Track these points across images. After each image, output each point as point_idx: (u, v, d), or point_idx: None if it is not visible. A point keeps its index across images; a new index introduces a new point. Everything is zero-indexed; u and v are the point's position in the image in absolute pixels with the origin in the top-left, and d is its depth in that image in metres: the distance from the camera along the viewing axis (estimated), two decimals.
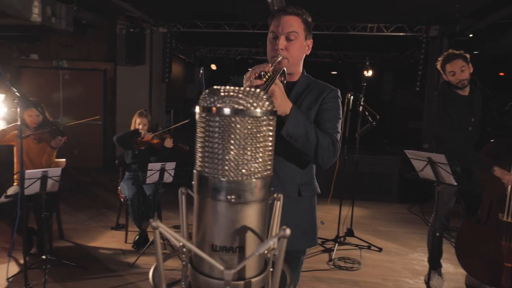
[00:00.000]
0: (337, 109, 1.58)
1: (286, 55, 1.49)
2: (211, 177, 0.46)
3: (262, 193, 0.49)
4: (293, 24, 1.49)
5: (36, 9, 5.49)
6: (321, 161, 1.45)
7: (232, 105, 0.43)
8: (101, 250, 3.64)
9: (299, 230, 1.55)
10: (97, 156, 7.62)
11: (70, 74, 7.65)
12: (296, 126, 1.36)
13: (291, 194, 1.53)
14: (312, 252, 3.79)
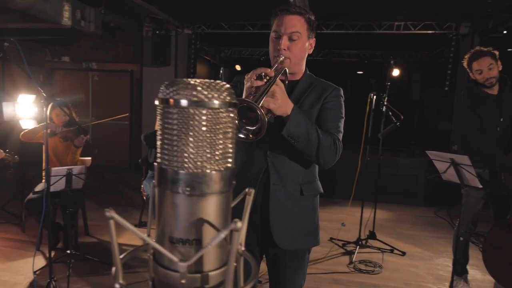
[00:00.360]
0: (339, 108, 1.57)
1: (289, 55, 1.49)
2: (169, 169, 0.46)
3: (221, 186, 0.48)
4: (295, 24, 1.49)
5: (67, 13, 5.70)
6: (323, 161, 1.45)
7: (190, 96, 0.43)
8: (124, 247, 3.73)
9: (300, 229, 1.56)
10: (124, 155, 7.83)
11: (99, 75, 7.91)
12: (297, 126, 1.37)
13: (293, 193, 1.53)
14: (332, 254, 3.74)
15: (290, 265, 1.60)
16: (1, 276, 3.00)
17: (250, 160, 1.56)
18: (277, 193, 1.51)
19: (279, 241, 1.52)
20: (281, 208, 1.51)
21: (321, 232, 4.48)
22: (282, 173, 1.51)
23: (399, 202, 5.70)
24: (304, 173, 1.55)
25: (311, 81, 1.61)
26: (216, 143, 0.45)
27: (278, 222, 1.51)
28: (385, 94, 4.01)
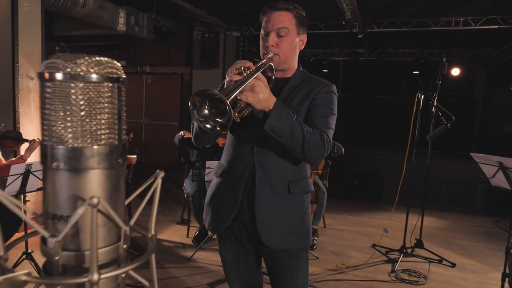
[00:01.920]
0: (329, 104, 1.51)
1: (277, 52, 1.48)
2: (49, 145, 0.45)
3: (99, 162, 0.46)
4: (283, 20, 1.47)
5: (122, 19, 6.05)
6: (309, 157, 1.40)
7: (65, 70, 0.41)
8: (164, 243, 3.86)
9: (289, 228, 1.51)
10: (173, 154, 8.12)
11: (152, 78, 8.29)
12: (280, 121, 1.33)
13: (280, 190, 1.49)
14: (374, 261, 3.56)
15: (287, 265, 1.55)
16: None
17: (237, 156, 1.54)
18: (263, 191, 1.47)
19: (266, 239, 1.48)
20: (267, 206, 1.48)
21: (363, 237, 4.33)
22: (268, 170, 1.48)
23: (453, 210, 5.30)
24: (292, 171, 1.51)
25: (303, 77, 1.57)
26: (94, 118, 0.43)
27: (264, 220, 1.48)
28: (435, 93, 3.74)
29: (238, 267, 1.63)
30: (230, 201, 1.51)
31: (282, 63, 1.51)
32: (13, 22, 3.75)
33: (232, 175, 1.53)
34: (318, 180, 4.04)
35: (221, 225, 1.54)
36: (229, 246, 1.61)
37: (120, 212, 0.56)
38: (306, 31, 1.56)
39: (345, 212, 5.31)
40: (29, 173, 2.78)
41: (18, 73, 3.84)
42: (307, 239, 1.55)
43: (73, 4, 4.97)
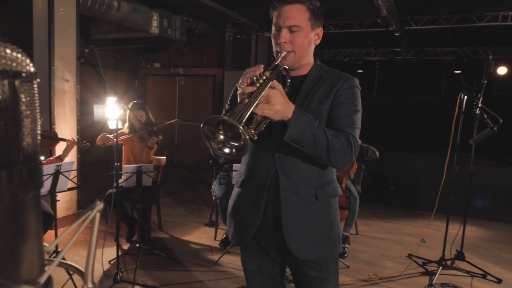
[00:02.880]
0: (353, 101, 1.38)
1: (291, 48, 1.36)
2: None
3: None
4: (295, 14, 1.35)
5: (155, 22, 6.15)
6: (336, 163, 1.31)
7: None
8: (191, 245, 3.83)
9: (319, 237, 1.40)
10: (205, 154, 8.16)
11: (185, 80, 8.39)
12: (301, 130, 1.22)
13: (307, 198, 1.38)
14: (410, 273, 3.34)
15: (315, 277, 1.44)
16: (83, 263, 3.28)
17: (257, 163, 1.43)
18: (288, 199, 1.37)
19: (295, 251, 1.38)
20: (294, 215, 1.37)
21: (398, 246, 4.09)
22: (293, 177, 1.37)
23: (498, 219, 4.93)
24: (318, 176, 1.40)
25: (321, 73, 1.44)
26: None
27: (292, 231, 1.37)
28: (480, 94, 3.47)
29: (261, 277, 1.55)
30: (252, 211, 1.42)
31: (298, 60, 1.40)
32: (49, 26, 3.87)
33: (252, 184, 1.43)
34: (350, 185, 3.86)
35: (244, 237, 1.46)
36: (253, 256, 1.53)
37: (30, 260, 0.43)
38: (322, 24, 1.43)
39: (379, 218, 5.07)
40: (59, 173, 2.82)
41: (54, 76, 3.96)
42: (338, 247, 1.46)
43: (107, 8, 5.08)
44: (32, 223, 0.44)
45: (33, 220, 0.44)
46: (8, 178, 0.39)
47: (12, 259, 0.41)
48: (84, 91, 4.52)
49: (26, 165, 0.41)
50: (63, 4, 3.96)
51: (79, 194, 4.37)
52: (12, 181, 0.39)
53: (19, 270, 0.42)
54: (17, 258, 0.42)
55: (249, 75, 1.22)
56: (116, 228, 2.95)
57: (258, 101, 1.16)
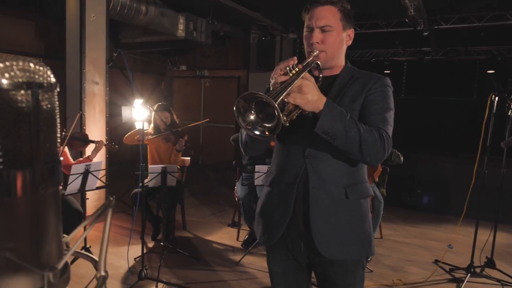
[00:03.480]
0: (385, 98, 1.38)
1: (323, 48, 1.38)
2: None
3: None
4: (327, 15, 1.37)
5: (181, 25, 6.27)
6: (369, 158, 1.28)
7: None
8: (214, 244, 3.88)
9: (348, 237, 1.38)
10: (230, 155, 8.24)
11: (210, 81, 8.50)
12: (332, 122, 1.22)
13: (337, 196, 1.37)
14: (435, 280, 3.25)
15: (340, 282, 1.42)
16: (110, 259, 3.40)
17: (287, 161, 1.44)
18: (317, 197, 1.36)
19: (324, 250, 1.36)
20: (323, 214, 1.36)
21: (424, 252, 3.99)
22: (323, 175, 1.36)
23: None
24: (349, 174, 1.38)
25: (353, 73, 1.45)
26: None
27: (320, 229, 1.36)
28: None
29: (286, 280, 1.54)
30: (281, 210, 1.42)
31: (329, 60, 1.41)
32: (81, 31, 4.03)
33: (282, 182, 1.44)
34: (375, 188, 3.80)
35: (272, 237, 1.46)
36: (279, 258, 1.52)
37: (50, 249, 0.48)
38: (353, 26, 1.45)
39: (405, 222, 4.95)
40: (88, 172, 2.94)
41: (84, 79, 4.12)
42: (368, 248, 1.44)
43: (136, 13, 5.24)
44: (52, 216, 0.49)
45: (52, 213, 0.49)
46: (31, 176, 0.43)
47: (34, 247, 0.46)
48: (113, 93, 4.67)
49: (47, 164, 0.45)
50: (93, 10, 4.11)
51: (108, 192, 4.52)
52: (34, 178, 0.44)
53: (40, 256, 0.47)
54: (39, 246, 0.47)
55: (282, 66, 1.25)
56: (141, 227, 3.04)
57: (291, 89, 1.19)
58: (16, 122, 0.41)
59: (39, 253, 0.46)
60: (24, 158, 0.42)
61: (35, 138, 0.43)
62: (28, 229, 0.45)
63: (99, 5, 4.19)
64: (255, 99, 1.13)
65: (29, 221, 0.45)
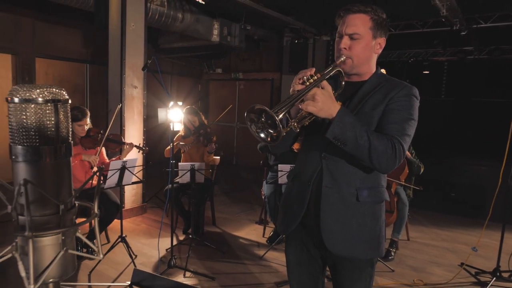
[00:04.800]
0: (407, 109, 1.41)
1: (350, 55, 1.44)
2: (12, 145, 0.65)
3: (46, 155, 0.66)
4: (357, 22, 1.43)
5: (216, 30, 6.55)
6: (378, 165, 1.34)
7: (17, 95, 0.60)
8: (241, 240, 4.07)
9: (356, 237, 1.46)
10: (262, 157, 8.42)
11: (244, 84, 8.74)
12: (344, 129, 1.30)
13: (348, 197, 1.44)
14: (458, 282, 3.23)
15: (348, 276, 1.52)
16: (143, 249, 3.69)
17: (306, 160, 1.55)
18: (329, 196, 1.45)
19: (330, 245, 1.45)
20: (332, 212, 1.45)
21: (451, 255, 3.97)
22: (336, 176, 1.45)
23: None
24: (362, 178, 1.45)
25: (380, 81, 1.48)
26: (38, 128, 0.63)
27: (328, 226, 1.45)
28: None
29: (300, 270, 1.63)
30: (298, 204, 1.53)
31: (356, 66, 1.46)
32: (122, 39, 4.39)
33: (301, 179, 1.54)
34: (400, 190, 3.81)
35: (288, 227, 1.57)
36: (295, 248, 1.62)
37: (64, 192, 0.74)
38: (385, 35, 1.48)
39: (435, 226, 4.88)
40: (125, 168, 3.23)
41: (124, 83, 4.47)
42: (376, 250, 1.48)
43: (173, 20, 5.56)
44: (65, 173, 0.75)
45: (66, 172, 0.75)
46: (54, 150, 0.70)
47: (55, 189, 0.73)
48: (150, 96, 5.00)
49: (62, 144, 0.72)
50: (133, 19, 4.46)
51: (144, 189, 4.85)
52: (56, 151, 0.71)
53: (59, 195, 0.73)
54: (57, 189, 0.74)
55: (300, 76, 1.34)
56: (171, 220, 3.28)
57: (305, 98, 1.28)
58: (45, 121, 0.68)
59: (57, 193, 0.73)
60: (50, 139, 0.69)
61: (56, 129, 0.69)
62: (52, 180, 0.72)
63: (138, 15, 4.53)
64: (262, 111, 1.25)
65: (52, 175, 0.72)
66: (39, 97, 0.64)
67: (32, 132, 0.65)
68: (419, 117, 1.47)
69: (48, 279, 0.68)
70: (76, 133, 3.32)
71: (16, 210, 0.67)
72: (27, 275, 0.65)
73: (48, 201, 0.69)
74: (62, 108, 0.69)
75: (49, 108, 0.66)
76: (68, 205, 0.72)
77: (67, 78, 6.62)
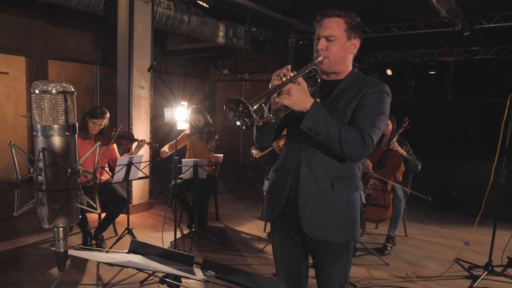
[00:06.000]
0: (378, 104, 1.54)
1: (327, 55, 1.57)
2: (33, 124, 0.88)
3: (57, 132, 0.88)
4: (332, 26, 1.56)
5: (221, 32, 6.72)
6: (349, 155, 1.48)
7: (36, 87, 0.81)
8: (243, 234, 4.22)
9: (331, 222, 1.58)
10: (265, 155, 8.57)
11: (250, 84, 8.91)
12: (316, 121, 1.43)
13: (323, 186, 1.57)
14: (451, 275, 3.34)
15: (326, 259, 1.64)
16: (149, 241, 3.83)
17: (287, 152, 1.69)
18: (306, 185, 1.58)
19: (307, 230, 1.58)
20: (309, 199, 1.57)
21: (447, 251, 4.07)
22: (313, 166, 1.58)
23: None
24: (337, 168, 1.57)
25: (355, 79, 1.62)
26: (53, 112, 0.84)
27: (306, 212, 1.58)
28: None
29: (284, 255, 1.76)
30: (279, 193, 1.66)
31: (332, 66, 1.58)
32: (130, 41, 4.58)
33: (282, 169, 1.67)
34: (397, 187, 3.92)
35: (271, 214, 1.70)
36: (279, 234, 1.75)
37: (71, 160, 0.93)
38: (359, 36, 1.61)
39: (435, 223, 4.97)
40: (131, 164, 3.41)
41: (132, 84, 4.67)
42: (350, 235, 1.60)
43: (179, 23, 5.75)
44: (71, 146, 0.93)
45: (72, 145, 0.93)
46: (63, 128, 0.89)
47: (64, 158, 0.91)
48: (157, 96, 5.19)
49: (69, 124, 0.91)
50: (140, 23, 4.65)
51: (151, 185, 5.04)
52: (67, 129, 0.89)
53: (67, 162, 0.91)
54: (66, 157, 0.91)
55: (277, 73, 1.49)
56: (174, 215, 3.45)
57: (281, 92, 1.42)
58: (57, 107, 0.87)
59: (65, 160, 0.90)
60: (60, 120, 0.89)
61: (65, 113, 0.89)
62: (61, 150, 0.91)
63: (145, 18, 4.72)
64: (239, 101, 1.40)
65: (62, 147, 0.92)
66: (53, 89, 0.85)
67: (48, 114, 0.86)
68: (425, 117, 1.61)
69: (58, 224, 0.86)
70: (89, 129, 3.52)
71: (36, 171, 0.86)
72: (44, 220, 0.84)
73: (59, 166, 0.87)
74: (69, 97, 0.89)
75: (60, 97, 0.86)
76: (74, 169, 0.91)
77: (78, 79, 6.87)
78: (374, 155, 3.93)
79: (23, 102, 6.14)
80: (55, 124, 0.86)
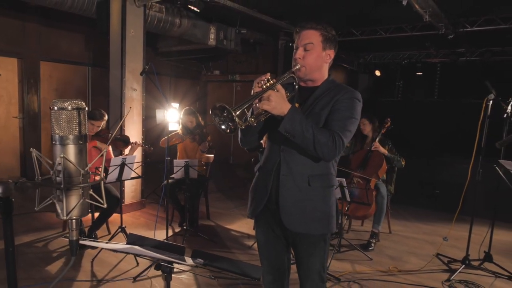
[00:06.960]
0: (350, 109, 1.70)
1: (303, 63, 1.72)
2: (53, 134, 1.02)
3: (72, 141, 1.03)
4: (309, 36, 1.72)
5: (212, 35, 6.84)
6: (322, 155, 1.63)
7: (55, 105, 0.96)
8: (232, 232, 4.36)
9: (309, 215, 1.74)
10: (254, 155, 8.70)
11: (241, 85, 9.04)
12: (293, 124, 1.58)
13: (301, 183, 1.73)
14: (431, 269, 3.52)
15: (305, 251, 1.80)
16: None
17: (269, 154, 1.84)
18: (285, 183, 1.74)
19: (287, 223, 1.74)
20: (289, 196, 1.73)
21: (429, 246, 4.23)
22: (291, 166, 1.74)
23: None
24: (312, 167, 1.73)
25: (330, 86, 1.77)
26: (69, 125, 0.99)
27: (285, 208, 1.74)
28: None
29: (267, 248, 1.92)
30: (262, 191, 1.82)
31: (308, 73, 1.73)
32: (122, 45, 4.68)
33: (265, 169, 1.84)
34: (380, 185, 4.08)
35: (254, 210, 1.86)
36: (262, 228, 1.90)
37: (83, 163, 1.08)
38: (334, 48, 1.76)
39: (418, 220, 5.16)
40: (124, 164, 3.52)
41: (125, 86, 4.77)
42: (326, 227, 1.76)
43: (171, 25, 5.86)
44: (83, 153, 1.08)
45: (84, 152, 1.08)
46: (76, 138, 1.05)
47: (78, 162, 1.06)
48: (149, 98, 5.30)
49: (82, 135, 1.06)
50: (133, 26, 4.75)
51: (143, 185, 5.15)
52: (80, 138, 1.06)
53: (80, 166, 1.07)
54: (79, 162, 1.07)
55: (257, 80, 1.63)
56: (166, 213, 3.58)
57: (261, 98, 1.56)
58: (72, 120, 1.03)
59: (79, 164, 1.09)
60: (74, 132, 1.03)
61: (79, 125, 1.04)
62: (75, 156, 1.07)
63: (137, 21, 4.82)
64: (225, 108, 1.53)
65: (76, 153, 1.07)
66: (69, 106, 1.01)
67: (64, 127, 1.02)
68: (411, 117, 1.75)
69: (72, 216, 1.03)
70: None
71: (55, 173, 1.02)
72: (61, 212, 1.01)
73: (74, 169, 1.03)
74: (82, 113, 1.05)
75: (75, 113, 1.02)
76: (85, 171, 1.07)
77: (70, 80, 6.93)
78: (357, 155, 4.09)
79: (15, 103, 6.19)
80: (70, 135, 1.02)
